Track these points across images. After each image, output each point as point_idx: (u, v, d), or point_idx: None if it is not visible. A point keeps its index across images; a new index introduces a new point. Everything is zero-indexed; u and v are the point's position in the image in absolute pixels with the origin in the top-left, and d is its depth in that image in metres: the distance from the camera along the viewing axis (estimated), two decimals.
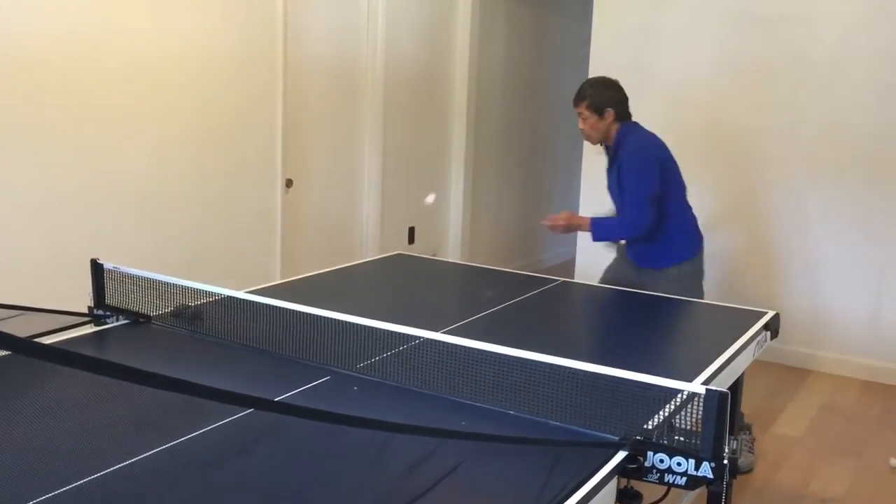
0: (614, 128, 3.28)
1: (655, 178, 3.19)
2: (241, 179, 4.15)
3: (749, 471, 3.36)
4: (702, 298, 3.26)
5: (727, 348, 2.34)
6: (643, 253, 3.36)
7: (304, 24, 4.44)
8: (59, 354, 0.72)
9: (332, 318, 2.08)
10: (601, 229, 3.25)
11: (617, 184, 3.27)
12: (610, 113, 3.25)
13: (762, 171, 4.68)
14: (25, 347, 0.72)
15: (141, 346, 2.16)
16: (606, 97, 3.25)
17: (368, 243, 5.11)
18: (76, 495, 1.38)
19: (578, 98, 3.27)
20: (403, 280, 3.11)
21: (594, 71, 5.14)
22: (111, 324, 2.31)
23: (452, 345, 1.95)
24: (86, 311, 2.36)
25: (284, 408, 1.09)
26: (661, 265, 3.33)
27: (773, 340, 2.77)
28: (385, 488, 1.45)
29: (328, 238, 4.85)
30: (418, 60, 5.32)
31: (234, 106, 4.05)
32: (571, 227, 3.27)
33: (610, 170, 3.35)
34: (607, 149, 3.38)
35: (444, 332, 2.24)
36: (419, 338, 2.05)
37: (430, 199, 1.49)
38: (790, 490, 3.22)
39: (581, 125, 3.30)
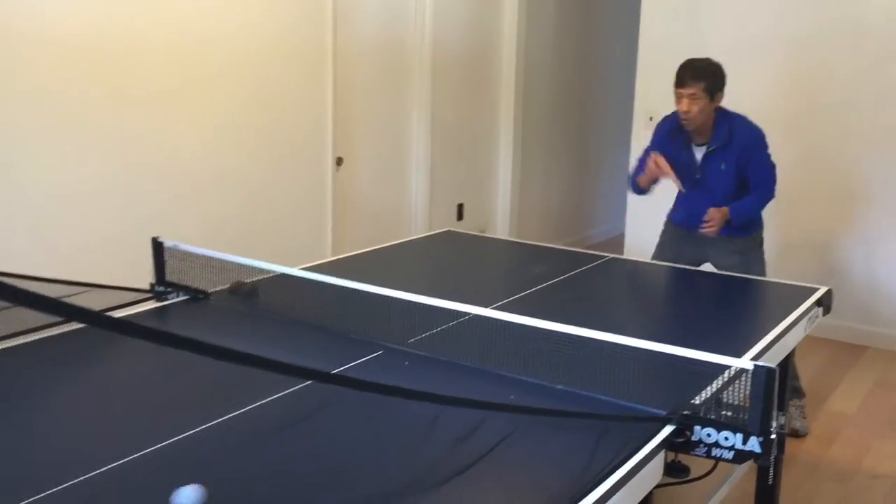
0: (713, 112, 3.18)
1: None
2: (292, 159, 4.22)
3: (805, 434, 3.36)
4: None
5: (777, 324, 2.33)
6: (748, 223, 3.32)
7: (352, 4, 4.47)
8: (139, 329, 0.77)
9: (383, 295, 2.12)
10: (741, 215, 3.25)
11: (731, 168, 3.19)
12: (719, 97, 3.15)
13: (817, 145, 4.59)
14: (107, 322, 0.77)
15: (201, 321, 2.24)
16: (721, 81, 3.14)
17: (417, 220, 5.16)
18: (140, 465, 1.45)
19: (694, 78, 3.09)
20: (452, 257, 3.15)
21: (645, 45, 5.08)
22: (171, 300, 2.40)
23: (501, 321, 1.98)
24: (147, 287, 2.44)
25: (342, 380, 1.14)
26: (746, 234, 3.35)
27: (828, 316, 2.74)
28: (436, 458, 1.50)
29: (378, 215, 4.91)
30: (466, 38, 5.31)
31: (285, 87, 4.11)
32: (724, 220, 3.20)
33: (712, 156, 3.21)
34: (690, 134, 3.23)
35: (493, 308, 2.27)
36: (468, 314, 2.09)
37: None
38: (842, 466, 3.20)
39: (686, 107, 3.11)
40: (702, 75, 3.09)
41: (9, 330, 1.97)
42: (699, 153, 3.26)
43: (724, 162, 3.21)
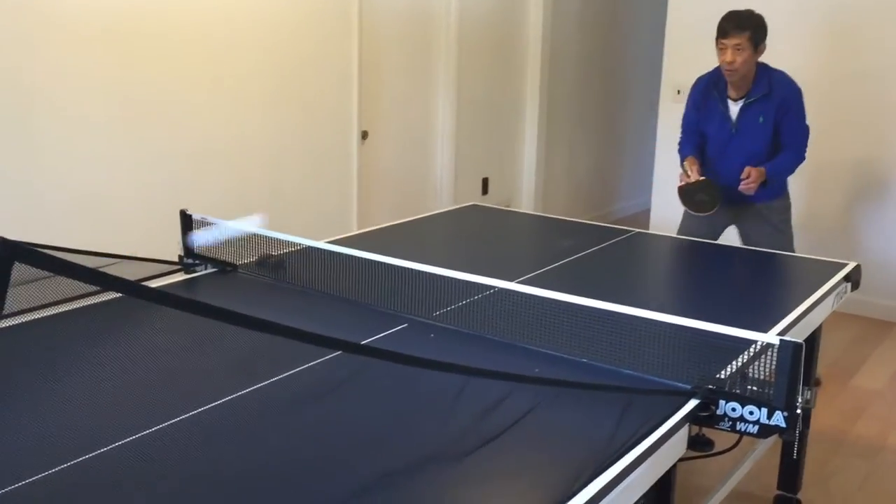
0: (755, 65, 3.15)
1: None
2: (318, 132, 4.23)
3: None
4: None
5: (805, 300, 2.31)
6: (762, 188, 3.26)
7: None
8: (175, 299, 0.79)
9: (408, 268, 2.14)
10: (776, 175, 3.24)
11: (769, 121, 3.18)
12: (762, 48, 3.13)
13: (847, 118, 4.52)
14: (145, 292, 0.79)
15: (229, 293, 2.27)
16: (764, 31, 3.12)
17: (443, 194, 5.16)
18: (173, 432, 1.48)
19: (739, 28, 3.06)
20: (478, 231, 3.15)
21: (673, 15, 5.02)
22: (200, 272, 2.43)
23: (526, 294, 1.99)
24: (175, 259, 2.48)
25: (370, 351, 1.15)
26: (775, 196, 3.34)
27: (857, 292, 2.72)
28: (462, 429, 1.51)
29: (403, 189, 4.92)
30: (492, 11, 5.27)
31: (310, 59, 4.11)
32: (760, 180, 3.17)
33: (750, 108, 3.19)
34: (726, 87, 3.21)
35: (517, 282, 2.28)
36: (493, 287, 2.09)
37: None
38: (868, 442, 3.18)
39: (731, 57, 3.08)
40: (746, 25, 3.07)
41: (44, 300, 2.01)
42: (735, 107, 3.23)
43: (762, 114, 3.19)
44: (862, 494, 2.83)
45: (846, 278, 2.59)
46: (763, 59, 3.26)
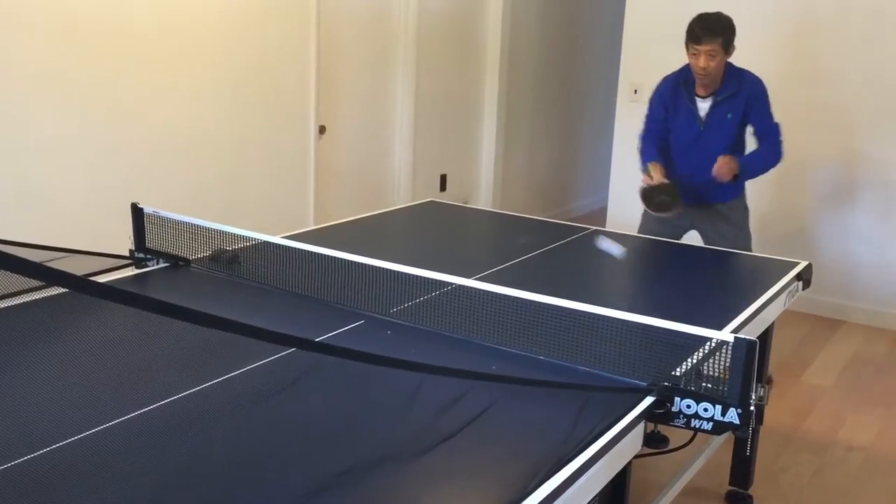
0: (725, 64, 3.19)
1: None
2: (274, 126, 4.18)
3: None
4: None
5: (758, 298, 2.34)
6: (724, 187, 3.32)
7: None
8: (119, 293, 0.76)
9: (365, 264, 2.12)
10: (748, 166, 3.25)
11: (738, 121, 3.22)
12: (733, 49, 3.14)
13: (799, 119, 4.60)
14: (89, 287, 0.76)
15: (181, 288, 2.22)
16: (734, 33, 3.13)
17: (400, 190, 5.14)
18: (122, 430, 1.44)
19: (711, 34, 3.06)
20: (435, 227, 3.14)
21: (631, 16, 5.06)
22: (151, 266, 2.38)
23: (484, 291, 1.98)
24: (126, 254, 2.42)
25: (325, 348, 1.13)
26: (734, 196, 3.39)
27: (806, 291, 2.77)
28: (419, 427, 1.50)
29: (361, 184, 4.88)
30: (452, 7, 5.26)
31: (268, 53, 4.05)
32: (734, 169, 3.20)
33: (720, 106, 3.21)
34: (694, 85, 3.22)
35: (475, 279, 2.27)
36: (451, 284, 2.08)
37: (609, 247, 1.57)
38: (817, 438, 3.24)
39: (704, 63, 3.10)
40: (719, 31, 3.09)
41: None
42: (704, 105, 3.26)
43: (730, 111, 3.22)
44: (811, 489, 2.88)
45: (798, 277, 2.63)
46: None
